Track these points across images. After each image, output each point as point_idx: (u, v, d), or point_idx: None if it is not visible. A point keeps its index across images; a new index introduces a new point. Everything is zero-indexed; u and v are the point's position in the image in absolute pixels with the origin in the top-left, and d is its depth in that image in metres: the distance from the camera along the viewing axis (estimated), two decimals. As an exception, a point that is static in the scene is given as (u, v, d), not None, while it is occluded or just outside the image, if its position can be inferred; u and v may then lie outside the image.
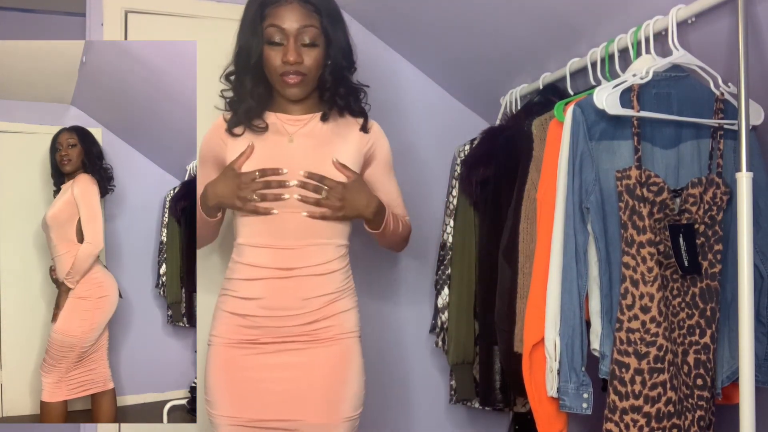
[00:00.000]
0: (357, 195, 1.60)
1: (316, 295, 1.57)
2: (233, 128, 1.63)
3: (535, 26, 1.84)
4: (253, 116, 1.62)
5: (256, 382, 1.57)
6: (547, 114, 1.68)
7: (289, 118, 1.65)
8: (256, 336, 1.58)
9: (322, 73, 1.62)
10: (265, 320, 1.57)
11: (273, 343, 1.57)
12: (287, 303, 1.56)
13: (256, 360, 1.57)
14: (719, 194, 1.46)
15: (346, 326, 1.61)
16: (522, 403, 2.03)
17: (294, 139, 1.62)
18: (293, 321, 1.57)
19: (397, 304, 2.29)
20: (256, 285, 1.58)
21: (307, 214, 1.57)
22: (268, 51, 1.57)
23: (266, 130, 1.63)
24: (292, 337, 1.57)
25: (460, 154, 2.12)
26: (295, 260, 1.57)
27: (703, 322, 1.46)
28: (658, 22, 1.49)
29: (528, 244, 1.66)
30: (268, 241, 1.58)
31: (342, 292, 1.62)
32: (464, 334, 2.07)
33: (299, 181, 1.56)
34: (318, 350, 1.58)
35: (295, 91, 1.60)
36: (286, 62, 1.55)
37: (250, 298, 1.58)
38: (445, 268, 2.14)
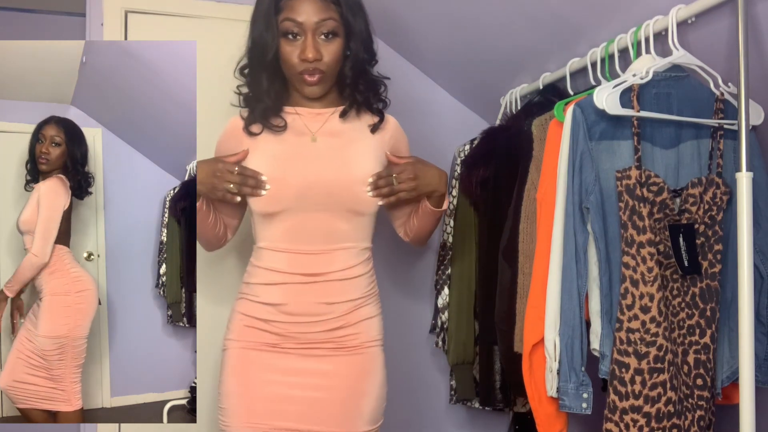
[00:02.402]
0: (427, 170, 1.55)
1: (340, 300, 1.52)
2: (250, 126, 1.55)
3: (535, 26, 1.84)
4: (270, 115, 1.55)
5: (276, 386, 1.50)
6: (547, 114, 1.68)
7: (309, 112, 1.57)
8: (277, 341, 1.52)
9: (342, 67, 1.54)
10: (288, 326, 1.51)
11: (296, 348, 1.51)
12: (311, 309, 1.50)
13: (277, 363, 1.51)
14: (719, 194, 1.46)
15: (371, 334, 1.56)
16: (522, 403, 2.03)
17: (317, 138, 1.55)
18: (317, 327, 1.51)
19: (397, 304, 2.29)
20: (276, 290, 1.52)
21: (383, 202, 1.53)
22: (284, 46, 1.49)
23: (285, 129, 1.56)
24: (317, 343, 1.52)
25: (460, 154, 2.12)
26: (318, 266, 1.51)
27: (703, 322, 1.46)
28: (658, 22, 1.49)
29: (528, 244, 1.66)
30: (289, 245, 1.52)
31: (367, 298, 1.57)
32: (464, 334, 2.07)
33: (369, 183, 1.51)
34: (342, 359, 1.52)
35: (314, 89, 1.53)
36: (304, 60, 1.47)
37: (271, 304, 1.52)
38: (445, 268, 2.14)
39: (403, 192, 1.52)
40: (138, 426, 2.32)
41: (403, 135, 1.66)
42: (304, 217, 1.51)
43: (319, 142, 1.55)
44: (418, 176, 1.53)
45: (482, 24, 1.94)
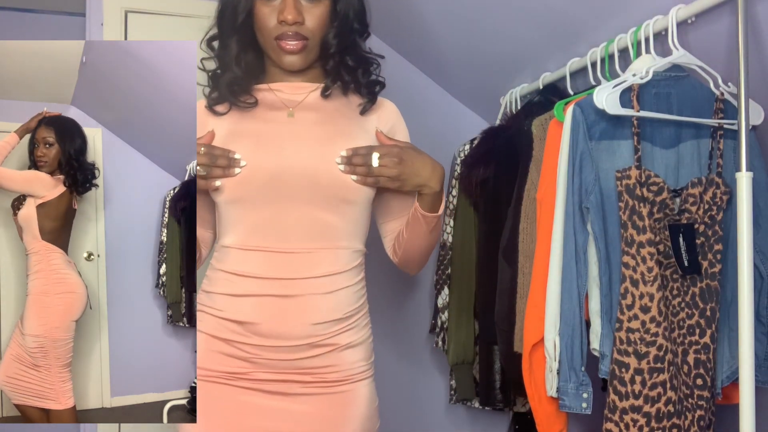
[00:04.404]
0: (418, 159, 1.27)
1: (325, 320, 1.24)
2: (214, 105, 1.30)
3: (535, 26, 1.84)
4: (238, 90, 1.30)
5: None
6: (547, 114, 1.68)
7: (287, 86, 1.32)
8: (246, 369, 1.24)
9: (326, 36, 1.28)
10: (257, 350, 1.23)
11: (269, 381, 1.24)
12: (287, 330, 1.22)
13: (248, 403, 1.24)
14: (719, 194, 1.46)
15: (358, 365, 1.28)
16: (522, 403, 2.03)
17: (295, 113, 1.30)
18: (293, 354, 1.23)
19: (398, 304, 2.29)
20: (245, 303, 1.23)
21: (358, 179, 1.24)
22: (259, 7, 1.25)
23: (255, 105, 1.31)
24: (294, 374, 1.24)
25: (460, 154, 2.12)
26: (297, 269, 1.23)
27: (703, 322, 1.46)
28: (658, 22, 1.49)
29: (528, 244, 1.66)
30: (261, 243, 1.24)
31: (354, 317, 1.28)
32: (464, 334, 2.07)
33: (342, 157, 1.24)
34: (322, 398, 1.25)
35: (293, 59, 1.27)
36: (282, 21, 1.23)
37: (238, 321, 1.24)
38: (445, 268, 2.14)
39: (383, 177, 1.25)
40: (138, 426, 2.32)
41: (403, 125, 1.40)
42: (280, 208, 1.24)
43: (297, 118, 1.30)
44: (405, 162, 1.25)
45: (482, 24, 1.94)
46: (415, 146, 1.31)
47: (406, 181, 1.27)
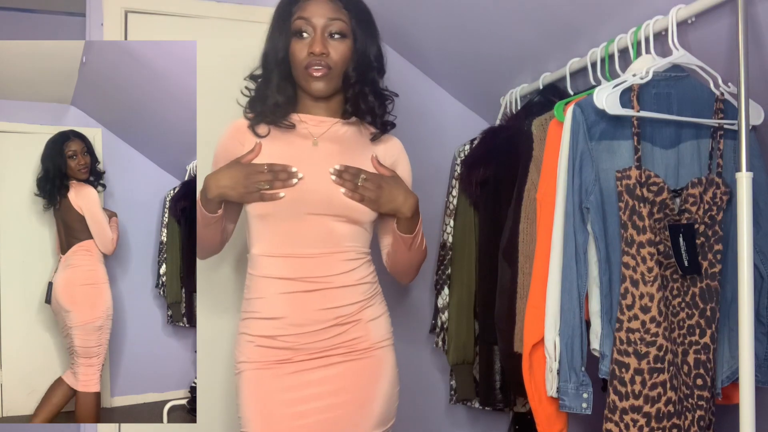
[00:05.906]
0: (395, 188, 1.53)
1: (343, 303, 1.51)
2: (256, 127, 1.57)
3: (535, 26, 1.84)
4: (279, 114, 1.57)
5: (295, 404, 1.48)
6: (547, 114, 1.68)
7: (314, 119, 1.59)
8: (289, 355, 1.49)
9: (347, 68, 1.55)
10: (297, 338, 1.49)
11: (309, 359, 1.50)
12: (315, 316, 1.49)
13: (293, 380, 1.49)
14: (719, 194, 1.46)
15: (380, 334, 1.56)
16: (522, 403, 2.03)
17: (318, 143, 1.57)
18: (325, 334, 1.50)
19: (398, 304, 2.29)
20: (276, 302, 1.50)
21: (345, 191, 1.50)
22: (294, 44, 1.53)
23: (293, 128, 1.57)
24: (328, 350, 1.50)
25: (460, 154, 2.12)
26: (318, 269, 1.50)
27: (703, 322, 1.46)
28: (658, 22, 1.49)
29: (528, 244, 1.66)
30: (286, 250, 1.50)
31: (370, 299, 1.56)
32: (464, 334, 2.07)
33: (335, 169, 1.51)
34: (353, 363, 1.52)
35: (319, 85, 1.53)
36: (311, 53, 1.50)
37: (274, 318, 1.50)
38: (445, 268, 2.14)
39: (364, 197, 1.51)
40: (138, 426, 2.31)
41: (405, 159, 1.66)
42: (302, 220, 1.50)
43: (319, 147, 1.57)
44: (383, 189, 1.51)
45: (482, 24, 1.94)
46: (399, 178, 1.56)
47: (382, 205, 1.53)
